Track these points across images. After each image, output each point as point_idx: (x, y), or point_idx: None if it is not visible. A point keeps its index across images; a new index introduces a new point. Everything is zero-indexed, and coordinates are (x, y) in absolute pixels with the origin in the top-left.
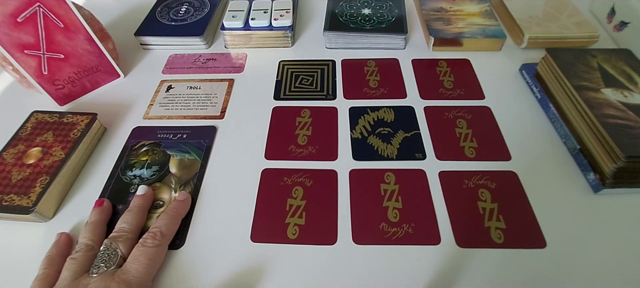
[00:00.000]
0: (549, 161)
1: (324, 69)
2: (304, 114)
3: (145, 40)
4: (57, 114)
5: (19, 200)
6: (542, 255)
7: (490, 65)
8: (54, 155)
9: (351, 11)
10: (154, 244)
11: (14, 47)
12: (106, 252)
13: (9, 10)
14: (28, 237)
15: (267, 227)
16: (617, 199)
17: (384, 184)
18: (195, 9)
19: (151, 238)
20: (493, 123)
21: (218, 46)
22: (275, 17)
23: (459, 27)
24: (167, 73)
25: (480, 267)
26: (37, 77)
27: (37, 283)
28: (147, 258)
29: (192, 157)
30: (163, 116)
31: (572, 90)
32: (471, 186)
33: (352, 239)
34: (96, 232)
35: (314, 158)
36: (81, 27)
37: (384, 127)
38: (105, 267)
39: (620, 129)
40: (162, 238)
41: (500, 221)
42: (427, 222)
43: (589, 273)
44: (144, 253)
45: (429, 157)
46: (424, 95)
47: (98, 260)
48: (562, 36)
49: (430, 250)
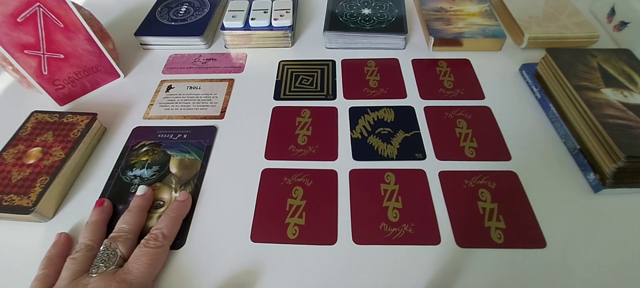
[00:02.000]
0: (549, 161)
1: (324, 69)
2: (304, 114)
3: (145, 40)
4: (57, 114)
5: (19, 200)
6: (542, 255)
7: (490, 65)
8: (54, 155)
9: (351, 11)
10: (156, 245)
11: (14, 47)
12: (106, 252)
13: (9, 10)
14: (28, 237)
15: (267, 227)
16: (617, 199)
17: (384, 184)
18: (195, 9)
19: (153, 240)
20: (493, 123)
21: (218, 46)
22: (275, 17)
23: (459, 27)
24: (167, 73)
25: (480, 267)
26: (37, 77)
27: (36, 284)
28: (149, 259)
29: (193, 157)
30: (163, 116)
31: (572, 90)
32: (471, 186)
33: (352, 239)
34: (96, 232)
35: (314, 158)
36: (81, 27)
37: (384, 127)
38: (104, 267)
39: (620, 129)
40: (164, 240)
41: (500, 221)
42: (427, 222)
43: (589, 273)
44: (146, 253)
45: (429, 157)
46: (424, 95)
47: (98, 260)
48: (562, 36)
49: (430, 250)
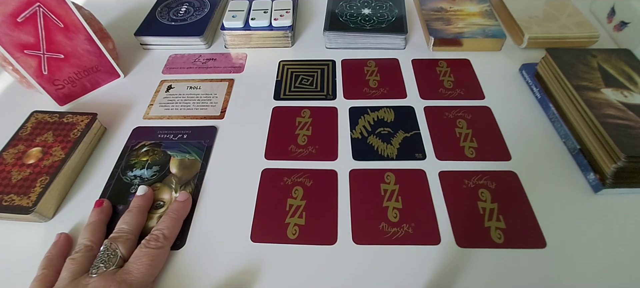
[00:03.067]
0: (549, 161)
1: (324, 69)
2: (304, 114)
3: (145, 40)
4: (57, 114)
5: (19, 200)
6: (542, 255)
7: (490, 65)
8: (54, 155)
9: (351, 11)
10: (157, 246)
11: (14, 47)
12: (106, 252)
13: (9, 10)
14: (28, 237)
15: (267, 227)
16: (617, 199)
17: (384, 184)
18: (195, 9)
19: (154, 240)
20: (493, 123)
21: (218, 46)
22: (275, 17)
23: (459, 27)
24: (167, 73)
25: (480, 267)
26: (37, 77)
27: (35, 284)
28: (150, 260)
29: (193, 157)
30: (163, 116)
31: (572, 90)
32: (471, 186)
33: (352, 239)
34: (96, 232)
35: (314, 158)
36: (81, 27)
37: (384, 127)
38: (104, 267)
39: (620, 129)
40: (165, 241)
41: (500, 221)
42: (427, 222)
43: (589, 273)
44: (146, 254)
45: (429, 157)
46: (424, 95)
47: (98, 260)
48: (562, 36)
49: (430, 250)
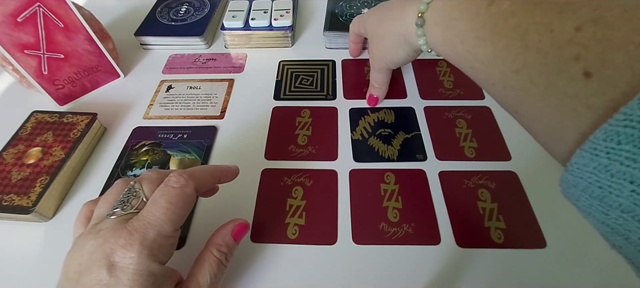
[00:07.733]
0: (549, 161)
1: (324, 69)
2: (304, 114)
3: (145, 40)
4: (57, 114)
5: (19, 200)
6: (542, 255)
7: None
8: (54, 155)
9: (351, 11)
10: (179, 184)
11: (14, 47)
12: (128, 192)
13: (9, 10)
14: (28, 237)
15: (267, 227)
16: None
17: (384, 184)
18: (195, 9)
19: (176, 177)
20: (493, 123)
21: (218, 46)
22: (275, 17)
23: None
24: (167, 73)
25: (480, 267)
26: (37, 77)
27: (85, 209)
28: (167, 202)
29: (193, 157)
30: (163, 116)
31: None
32: (471, 186)
33: (352, 239)
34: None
35: (314, 158)
36: (81, 27)
37: (385, 129)
38: (121, 210)
39: None
40: (188, 180)
41: (500, 221)
42: (427, 222)
43: (589, 273)
44: (164, 194)
45: (428, 157)
46: (424, 95)
47: (118, 201)
48: None
49: (430, 250)
